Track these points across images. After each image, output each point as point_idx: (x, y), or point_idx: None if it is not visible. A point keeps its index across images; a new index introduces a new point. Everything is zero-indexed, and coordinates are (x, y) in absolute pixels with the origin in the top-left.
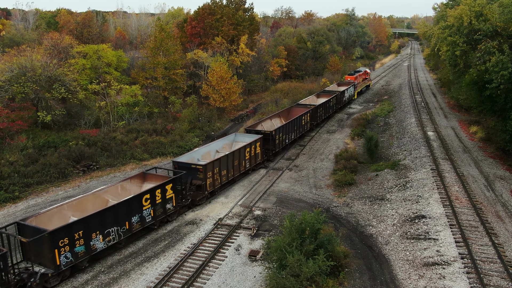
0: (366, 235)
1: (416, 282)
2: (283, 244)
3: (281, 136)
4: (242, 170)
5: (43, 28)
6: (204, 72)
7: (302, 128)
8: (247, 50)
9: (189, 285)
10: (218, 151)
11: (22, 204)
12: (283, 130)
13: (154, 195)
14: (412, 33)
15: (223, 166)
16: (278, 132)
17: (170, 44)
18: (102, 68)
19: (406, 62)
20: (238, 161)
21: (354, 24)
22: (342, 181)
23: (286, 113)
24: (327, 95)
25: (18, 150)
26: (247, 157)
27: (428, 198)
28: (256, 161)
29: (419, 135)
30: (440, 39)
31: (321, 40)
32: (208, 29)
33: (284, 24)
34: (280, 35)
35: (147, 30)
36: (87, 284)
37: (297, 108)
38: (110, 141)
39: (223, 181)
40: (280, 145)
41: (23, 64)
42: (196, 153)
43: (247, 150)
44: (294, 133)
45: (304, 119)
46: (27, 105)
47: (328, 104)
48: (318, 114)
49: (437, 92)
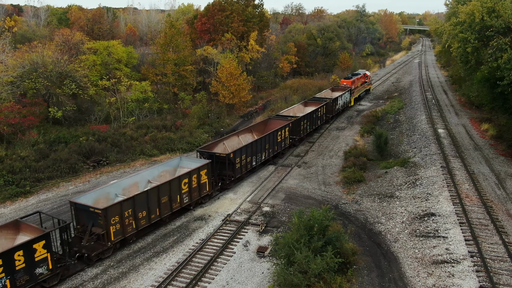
0: (374, 233)
1: (424, 280)
2: (291, 241)
3: (245, 158)
4: (176, 207)
5: (54, 24)
6: (213, 69)
7: (278, 146)
8: (256, 46)
9: (198, 280)
10: (150, 181)
11: (33, 199)
12: (247, 151)
13: (10, 259)
14: (424, 30)
15: (140, 205)
16: (238, 154)
17: (180, 40)
18: (113, 64)
19: (417, 59)
20: (169, 196)
21: (364, 20)
22: (351, 178)
23: (262, 126)
24: (315, 104)
25: (29, 145)
26: (184, 189)
27: (437, 196)
28: (201, 194)
29: (429, 133)
30: (452, 35)
31: (331, 36)
32: (218, 26)
33: (294, 21)
34: (290, 31)
35: (157, 27)
36: (96, 278)
37: (276, 120)
38: (120, 137)
39: (142, 225)
40: (242, 169)
41: (34, 60)
42: (115, 186)
43: (184, 181)
44: (265, 153)
45: (280, 135)
46: (38, 101)
47: (315, 115)
48: (302, 127)
49: (448, 89)
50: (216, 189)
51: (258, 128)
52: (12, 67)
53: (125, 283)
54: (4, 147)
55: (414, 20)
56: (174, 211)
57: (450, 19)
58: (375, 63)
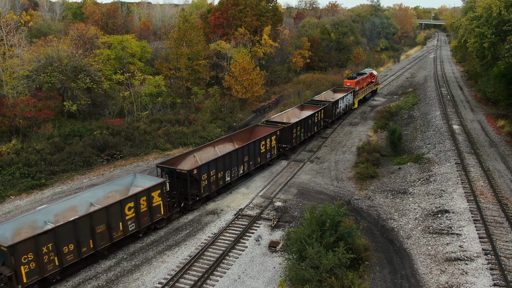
0: (387, 229)
1: (437, 277)
2: (303, 236)
3: (214, 174)
4: (118, 236)
5: (69, 18)
6: (227, 63)
7: (261, 157)
8: (270, 41)
9: (210, 274)
10: (93, 204)
11: (48, 191)
12: (218, 165)
13: None
14: (439, 24)
15: (65, 237)
16: (205, 169)
17: (194, 35)
18: (127, 59)
19: (432, 54)
20: (108, 224)
21: (379, 15)
22: (364, 174)
23: (246, 135)
24: (313, 107)
25: (44, 139)
26: (129, 215)
27: (452, 193)
28: (153, 219)
29: (444, 129)
30: (468, 30)
31: (345, 31)
32: (232, 20)
33: (307, 15)
34: (304, 26)
35: (171, 21)
36: (109, 270)
37: (264, 127)
38: (133, 130)
39: (68, 261)
40: (211, 187)
41: (50, 54)
42: (45, 212)
43: (129, 205)
44: (244, 166)
45: (265, 144)
46: (53, 95)
47: (311, 120)
48: (294, 134)
49: (463, 85)
50: (176, 211)
51: (242, 137)
52: (28, 61)
53: (138, 276)
54: (20, 140)
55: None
56: (115, 241)
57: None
58: (389, 58)
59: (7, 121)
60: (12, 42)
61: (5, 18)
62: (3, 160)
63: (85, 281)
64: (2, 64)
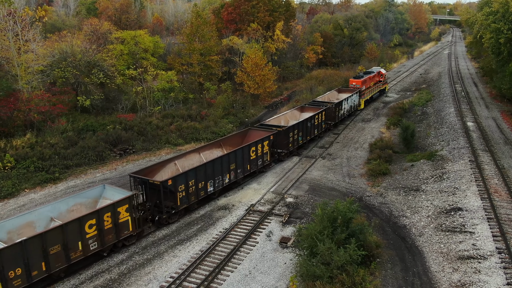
0: (399, 226)
1: (450, 276)
2: (315, 232)
3: (194, 184)
4: (77, 257)
5: (83, 14)
6: (239, 59)
7: (252, 164)
8: (282, 36)
9: (221, 269)
10: (54, 219)
11: (62, 185)
12: (198, 175)
13: None
14: (454, 20)
15: (10, 260)
16: (182, 179)
17: (206, 30)
18: (139, 54)
19: (447, 50)
20: (64, 244)
21: (393, 10)
22: (376, 170)
23: (238, 139)
24: (314, 109)
25: (58, 133)
26: (90, 233)
27: (465, 190)
28: (119, 236)
29: (458, 126)
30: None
31: (359, 27)
32: (244, 16)
33: (320, 11)
34: (317, 21)
35: (183, 16)
36: (122, 263)
37: (257, 131)
38: (146, 125)
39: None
40: (190, 198)
41: (64, 50)
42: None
43: (90, 222)
44: (230, 175)
45: (255, 150)
46: (67, 90)
47: (311, 123)
48: (291, 139)
49: (478, 81)
50: (147, 226)
51: (233, 142)
52: (42, 56)
53: (150, 269)
54: (35, 134)
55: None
56: (75, 261)
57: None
58: (403, 54)
59: (22, 115)
60: (27, 37)
61: (20, 13)
62: (18, 154)
63: (98, 274)
64: (17, 59)
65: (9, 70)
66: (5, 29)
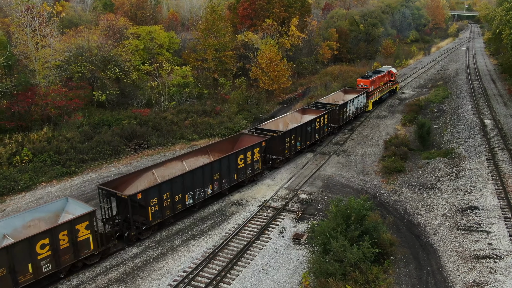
0: (413, 224)
1: (464, 275)
2: (328, 229)
3: (169, 197)
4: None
5: (99, 9)
6: (253, 55)
7: (239, 173)
8: (297, 32)
9: (234, 264)
10: (6, 237)
11: (78, 179)
12: (174, 186)
13: None
14: (472, 16)
15: None
16: (155, 193)
17: (221, 26)
18: (155, 49)
19: (465, 46)
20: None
21: (409, 6)
22: (391, 168)
23: (229, 145)
24: (316, 111)
25: (75, 127)
26: (43, 254)
27: (481, 189)
28: (78, 255)
29: (475, 123)
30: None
31: (375, 22)
32: (259, 11)
33: (336, 6)
34: (332, 17)
35: (199, 12)
36: (136, 257)
37: (251, 137)
38: (161, 121)
39: None
40: (165, 212)
41: (80, 45)
42: None
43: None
44: (213, 185)
45: (244, 158)
46: (83, 84)
47: (311, 127)
48: (287, 144)
49: (496, 78)
50: (113, 243)
51: (222, 148)
52: (59, 51)
53: (163, 263)
54: (51, 128)
55: (462, 5)
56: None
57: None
58: (420, 50)
59: (39, 109)
60: (45, 33)
61: (38, 9)
62: (35, 148)
63: (112, 267)
64: (35, 54)
65: (27, 65)
66: (23, 25)
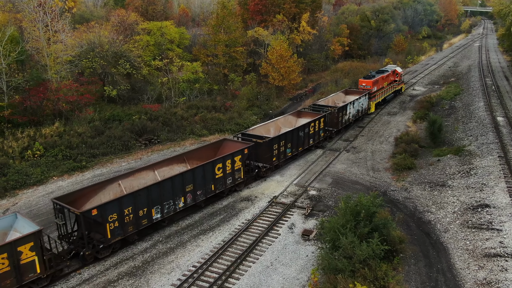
0: (424, 221)
1: (475, 273)
2: (337, 225)
3: (132, 211)
4: None
5: (110, 5)
6: (264, 50)
7: (217, 184)
8: (308, 28)
9: (243, 260)
10: None
11: (89, 173)
12: (138, 201)
13: None
14: (486, 12)
15: None
16: (114, 207)
17: (232, 21)
18: (165, 45)
19: (477, 43)
20: None
21: (422, 1)
22: (401, 165)
23: (211, 152)
24: (313, 115)
25: (86, 122)
26: None
27: (493, 187)
28: (21, 280)
29: (487, 120)
30: None
31: (386, 18)
32: (270, 7)
33: (347, 2)
34: (343, 13)
35: (209, 8)
36: (145, 252)
37: (234, 143)
38: (171, 116)
39: None
40: (126, 229)
41: (91, 40)
42: None
43: None
44: (186, 198)
45: (223, 167)
46: (94, 80)
47: (303, 132)
48: (275, 151)
49: (510, 75)
50: (64, 264)
51: (201, 155)
52: (71, 47)
53: (173, 258)
54: (63, 123)
55: (475, 1)
56: None
57: None
58: (432, 47)
59: (51, 104)
60: (57, 28)
61: (50, 4)
62: (47, 142)
63: (122, 261)
64: (47, 49)
65: (39, 60)
66: (36, 20)
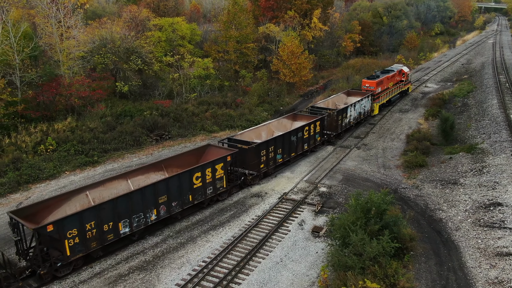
0: (435, 219)
1: (486, 272)
2: (347, 222)
3: (95, 226)
4: None
5: (122, 1)
6: (275, 47)
7: (194, 194)
8: (319, 24)
9: (252, 255)
10: None
11: (100, 168)
12: (102, 214)
13: None
14: (500, 8)
15: None
16: (74, 223)
17: (243, 18)
18: (177, 41)
19: (491, 39)
20: None
21: None
22: (412, 162)
23: (192, 159)
24: (309, 118)
25: (98, 118)
26: None
27: (506, 185)
28: None
29: (500, 118)
30: None
31: (399, 15)
32: (282, 3)
33: None
34: (355, 9)
35: (221, 4)
36: (156, 246)
37: (218, 149)
38: (182, 112)
39: None
40: (89, 245)
41: (103, 36)
42: None
43: None
44: (158, 210)
45: (202, 176)
46: (106, 75)
47: (296, 137)
48: (263, 158)
49: None
50: (16, 285)
51: (182, 162)
52: (83, 43)
53: (183, 253)
54: (75, 118)
55: None
56: None
57: None
58: (444, 43)
59: (64, 100)
60: (69, 24)
61: (63, 1)
62: (60, 137)
63: (133, 256)
64: (60, 45)
65: (52, 56)
66: (49, 16)
